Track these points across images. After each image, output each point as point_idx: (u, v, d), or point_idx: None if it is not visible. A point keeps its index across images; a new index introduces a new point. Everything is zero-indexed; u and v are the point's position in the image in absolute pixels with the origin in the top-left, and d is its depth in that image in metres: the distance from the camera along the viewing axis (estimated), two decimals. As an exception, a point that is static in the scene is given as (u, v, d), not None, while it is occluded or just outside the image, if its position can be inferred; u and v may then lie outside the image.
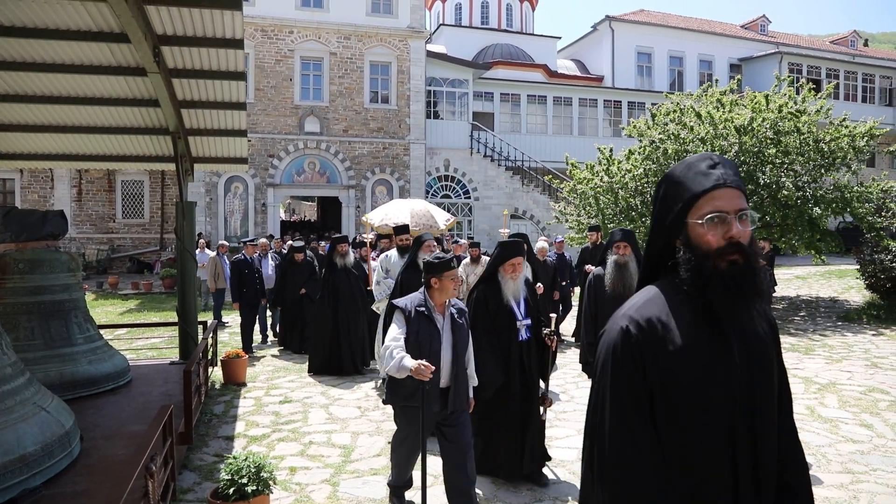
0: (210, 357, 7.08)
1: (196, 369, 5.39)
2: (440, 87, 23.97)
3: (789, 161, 12.61)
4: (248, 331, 9.25)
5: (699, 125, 13.14)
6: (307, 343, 8.60)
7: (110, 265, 21.07)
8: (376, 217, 9.45)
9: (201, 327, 7.39)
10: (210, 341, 6.96)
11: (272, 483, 3.73)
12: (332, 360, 7.87)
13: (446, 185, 24.04)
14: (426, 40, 23.14)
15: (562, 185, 16.62)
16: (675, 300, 1.53)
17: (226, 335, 10.59)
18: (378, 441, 5.49)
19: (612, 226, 13.08)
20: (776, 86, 14.20)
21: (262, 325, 10.25)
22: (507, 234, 8.92)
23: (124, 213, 21.89)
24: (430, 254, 5.55)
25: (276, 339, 10.07)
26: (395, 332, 3.69)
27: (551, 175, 20.53)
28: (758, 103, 13.12)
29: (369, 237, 9.00)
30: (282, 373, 8.08)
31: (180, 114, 6.41)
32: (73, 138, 7.07)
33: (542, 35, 31.14)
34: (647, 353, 1.48)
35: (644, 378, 1.48)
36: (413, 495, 4.37)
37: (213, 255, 11.48)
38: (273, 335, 10.22)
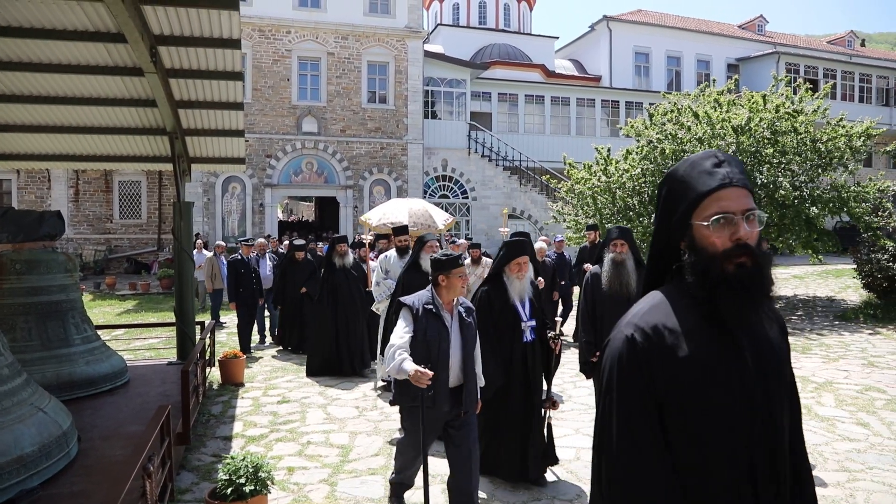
0: (208, 357, 7.07)
1: (194, 369, 5.39)
2: (438, 87, 23.97)
3: (786, 161, 12.63)
4: (244, 331, 9.24)
5: (696, 125, 13.15)
6: (306, 343, 8.57)
7: (108, 266, 21.04)
8: (374, 217, 9.43)
9: (199, 328, 7.39)
10: (208, 342, 6.95)
11: (270, 483, 3.73)
12: (331, 362, 7.84)
13: (444, 185, 24.05)
14: (424, 40, 23.15)
15: (559, 185, 16.62)
16: (682, 305, 1.46)
17: (223, 335, 10.58)
18: (376, 441, 5.49)
19: (609, 226, 13.07)
20: (773, 86, 14.22)
21: (261, 326, 10.23)
22: (506, 233, 8.92)
23: (122, 214, 21.86)
24: (432, 254, 5.56)
25: (272, 340, 10.04)
26: (401, 332, 3.61)
27: (549, 175, 20.55)
28: (755, 103, 13.14)
29: (368, 238, 8.97)
30: (280, 373, 8.07)
31: (177, 114, 6.40)
32: (70, 139, 7.06)
33: (539, 35, 31.16)
34: (654, 362, 1.40)
35: (652, 389, 1.40)
36: (411, 495, 4.37)
37: (211, 255, 11.45)
38: (271, 338, 10.16)
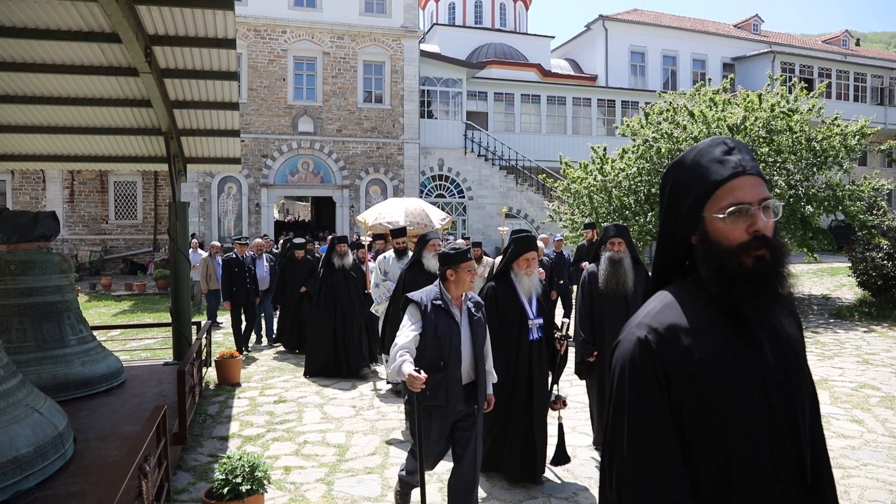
0: (204, 358, 7.07)
1: (190, 370, 5.39)
2: (434, 87, 23.98)
3: (782, 160, 12.68)
4: (238, 330, 9.18)
5: (692, 124, 13.19)
6: (305, 343, 8.51)
7: (103, 266, 20.98)
8: (370, 216, 9.42)
9: (195, 328, 7.38)
10: (204, 342, 6.94)
11: (267, 482, 3.73)
12: (330, 363, 7.76)
13: (440, 185, 24.05)
14: (420, 40, 23.14)
15: (556, 185, 16.65)
16: (695, 303, 1.37)
17: (220, 336, 10.56)
18: (373, 440, 5.50)
19: (606, 224, 13.10)
20: (769, 85, 14.26)
21: (258, 326, 10.16)
22: (505, 232, 8.93)
23: (117, 214, 21.79)
24: (434, 253, 5.55)
25: (268, 341, 10.00)
26: (405, 330, 3.50)
27: (545, 174, 20.56)
28: (750, 102, 13.18)
29: (368, 239, 8.91)
30: (276, 373, 8.07)
31: (172, 114, 6.39)
32: (65, 139, 7.04)
33: (535, 34, 31.17)
34: (669, 364, 1.31)
35: (668, 394, 1.30)
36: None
37: (206, 255, 11.40)
38: (267, 340, 10.09)
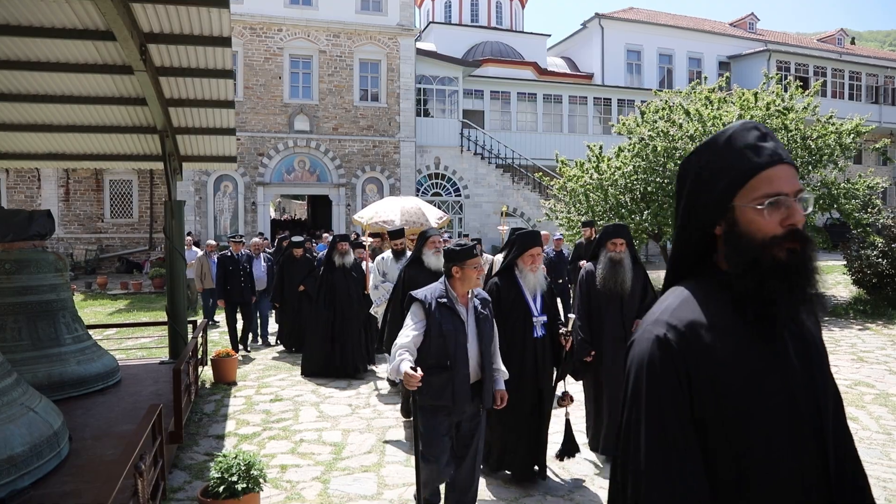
0: (200, 356, 7.05)
1: (186, 368, 5.37)
2: (430, 85, 23.96)
3: (777, 158, 12.69)
4: (233, 329, 9.12)
5: (688, 122, 13.22)
6: (304, 342, 8.43)
7: (99, 265, 20.92)
8: (366, 215, 9.42)
9: (191, 326, 7.36)
10: (200, 340, 6.93)
11: (262, 481, 3.73)
12: (327, 363, 7.71)
13: (437, 183, 24.04)
14: (416, 38, 23.11)
15: (552, 183, 16.66)
16: (715, 299, 1.29)
17: (216, 334, 10.54)
18: (369, 438, 5.50)
19: (602, 223, 13.14)
20: (764, 83, 14.30)
21: (255, 326, 10.06)
22: (505, 230, 8.94)
23: (113, 213, 21.73)
24: (434, 250, 5.53)
25: (263, 341, 9.96)
26: (407, 330, 3.42)
27: (542, 172, 20.55)
28: (746, 101, 13.22)
29: (369, 240, 8.84)
30: (272, 371, 8.06)
31: (168, 112, 6.37)
32: (60, 137, 7.02)
33: (531, 33, 31.19)
34: (690, 364, 1.22)
35: (689, 396, 1.21)
36: (403, 492, 4.38)
37: (201, 254, 11.36)
38: (262, 340, 10.03)
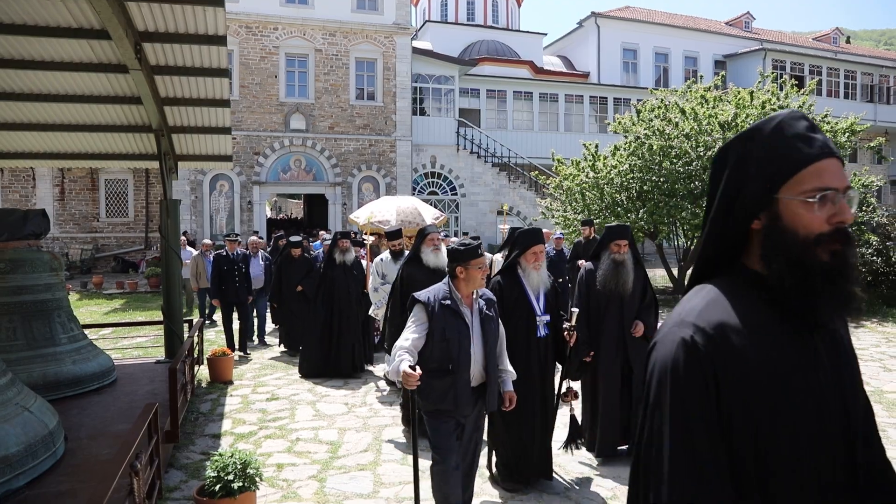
0: (196, 355, 7.04)
1: (182, 367, 5.37)
2: (426, 84, 23.95)
3: (772, 156, 12.73)
4: (228, 328, 9.08)
5: (684, 121, 13.25)
6: (302, 342, 8.36)
7: (94, 265, 20.86)
8: (362, 215, 9.40)
9: (187, 326, 7.35)
10: (196, 339, 6.92)
11: (259, 479, 3.73)
12: (326, 364, 7.65)
13: (433, 182, 24.04)
14: (412, 37, 23.09)
15: (548, 182, 16.68)
16: (745, 300, 1.23)
17: (212, 334, 10.52)
18: (365, 437, 5.50)
19: (598, 221, 13.16)
20: (760, 82, 14.35)
21: (252, 325, 9.99)
22: (506, 229, 8.94)
23: (108, 212, 21.67)
24: (433, 248, 5.51)
25: (259, 339, 9.94)
26: (407, 333, 3.34)
27: (538, 171, 20.58)
28: (741, 99, 13.26)
29: (370, 238, 8.82)
30: (269, 370, 8.05)
31: (163, 111, 6.36)
32: (55, 136, 7.00)
33: (527, 31, 31.19)
34: (719, 368, 1.15)
35: (715, 400, 1.15)
36: (400, 490, 4.39)
37: (197, 253, 11.33)
38: (259, 340, 9.98)
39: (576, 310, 4.31)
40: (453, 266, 3.45)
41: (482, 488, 4.36)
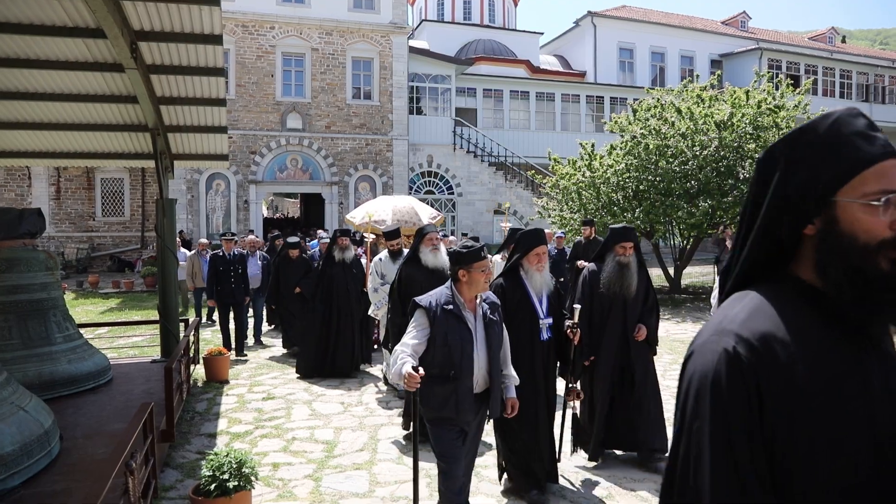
0: (192, 355, 7.04)
1: (177, 367, 5.37)
2: (423, 83, 23.95)
3: (768, 156, 12.78)
4: (225, 328, 9.06)
5: (680, 120, 13.29)
6: (300, 342, 8.33)
7: (90, 264, 20.81)
8: (358, 215, 9.39)
9: (183, 325, 7.34)
10: (192, 339, 6.92)
11: (254, 479, 3.74)
12: (323, 364, 7.62)
13: (429, 182, 24.05)
14: (408, 36, 23.10)
15: (545, 181, 16.70)
16: (791, 309, 1.15)
17: (209, 333, 10.52)
18: (361, 436, 5.51)
19: (595, 221, 13.17)
20: (756, 81, 14.38)
21: (245, 325, 9.94)
22: (507, 228, 8.94)
23: (104, 212, 21.62)
24: (431, 247, 5.50)
25: (255, 339, 9.90)
26: (408, 337, 3.28)
27: (534, 170, 20.60)
28: (737, 99, 13.31)
29: (371, 236, 8.82)
30: (265, 370, 8.05)
31: (159, 110, 6.35)
32: (51, 135, 6.98)
33: (524, 31, 31.24)
34: (763, 380, 1.09)
35: (759, 413, 1.09)
36: (395, 489, 4.40)
37: (192, 253, 11.28)
38: (256, 340, 9.92)
39: (577, 306, 4.25)
40: (456, 269, 3.36)
41: (478, 487, 4.37)
